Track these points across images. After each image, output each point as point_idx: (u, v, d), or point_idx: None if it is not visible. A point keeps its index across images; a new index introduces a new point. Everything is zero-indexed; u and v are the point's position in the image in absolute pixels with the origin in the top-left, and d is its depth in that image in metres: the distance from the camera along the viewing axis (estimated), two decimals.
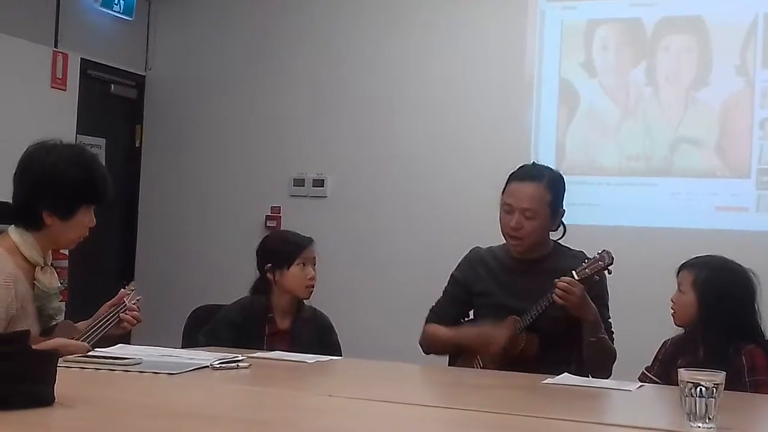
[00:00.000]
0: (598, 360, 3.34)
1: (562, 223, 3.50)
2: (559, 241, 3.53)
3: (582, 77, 5.55)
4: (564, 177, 3.54)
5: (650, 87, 5.44)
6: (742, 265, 3.19)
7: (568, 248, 3.50)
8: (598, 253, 3.29)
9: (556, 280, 3.24)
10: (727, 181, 5.25)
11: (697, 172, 5.32)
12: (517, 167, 3.52)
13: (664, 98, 5.41)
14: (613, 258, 3.26)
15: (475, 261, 3.55)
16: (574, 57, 5.57)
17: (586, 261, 3.30)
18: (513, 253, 3.47)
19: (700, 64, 5.35)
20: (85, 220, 2.92)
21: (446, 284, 3.61)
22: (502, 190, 3.47)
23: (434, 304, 3.61)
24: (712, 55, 5.32)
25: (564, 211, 3.48)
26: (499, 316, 3.39)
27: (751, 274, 3.15)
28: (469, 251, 3.60)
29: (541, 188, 3.40)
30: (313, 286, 3.69)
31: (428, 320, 3.59)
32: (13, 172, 2.91)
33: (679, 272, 3.23)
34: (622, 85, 5.50)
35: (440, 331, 3.53)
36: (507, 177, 3.49)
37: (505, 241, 3.48)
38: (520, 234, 3.39)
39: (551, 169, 3.56)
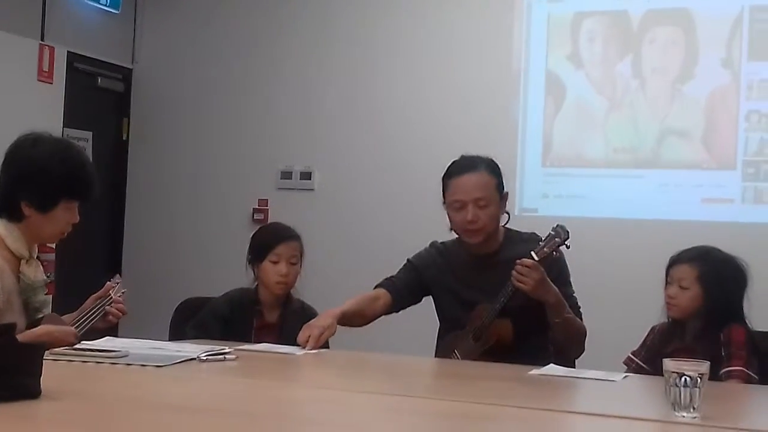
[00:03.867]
0: (566, 340, 3.30)
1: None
2: (508, 227, 3.46)
3: (569, 69, 5.56)
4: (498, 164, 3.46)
5: (637, 79, 5.45)
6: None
7: (519, 232, 3.45)
8: (553, 230, 3.22)
9: (517, 261, 3.19)
10: (714, 173, 5.26)
11: (684, 164, 5.33)
12: (448, 166, 3.43)
13: (651, 90, 5.43)
14: (568, 232, 3.19)
15: (434, 252, 3.52)
16: (560, 49, 5.58)
17: (542, 241, 3.23)
18: (469, 248, 3.40)
19: (686, 57, 5.36)
20: (66, 215, 2.89)
21: (401, 268, 3.57)
22: (442, 192, 3.41)
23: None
24: (699, 48, 5.33)
25: (507, 193, 3.43)
26: (463, 312, 3.37)
27: (741, 262, 3.22)
28: (429, 244, 3.57)
29: (485, 175, 3.35)
30: (285, 284, 3.64)
31: (378, 285, 3.55)
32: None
33: (672, 266, 3.24)
34: (608, 77, 5.51)
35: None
36: (441, 179, 3.43)
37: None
38: (478, 225, 3.32)
39: (482, 156, 3.44)
